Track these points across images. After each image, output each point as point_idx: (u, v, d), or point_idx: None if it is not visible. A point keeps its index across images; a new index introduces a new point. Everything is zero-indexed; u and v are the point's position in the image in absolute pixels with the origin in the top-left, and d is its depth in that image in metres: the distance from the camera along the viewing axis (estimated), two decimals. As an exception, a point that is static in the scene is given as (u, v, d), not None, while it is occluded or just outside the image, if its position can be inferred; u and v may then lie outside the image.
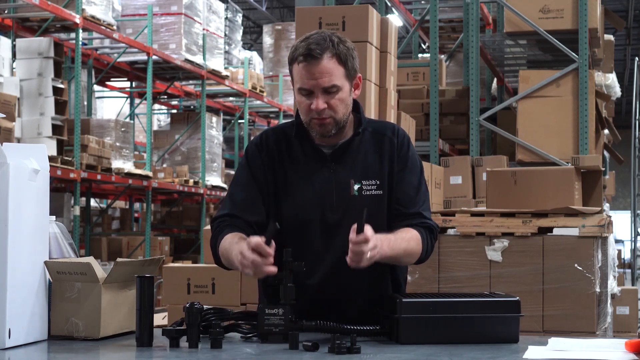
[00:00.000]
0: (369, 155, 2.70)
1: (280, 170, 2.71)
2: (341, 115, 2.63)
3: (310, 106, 2.60)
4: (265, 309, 2.40)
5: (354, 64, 2.65)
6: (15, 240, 2.32)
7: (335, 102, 2.60)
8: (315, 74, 2.58)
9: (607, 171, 13.15)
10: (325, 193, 2.67)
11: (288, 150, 2.72)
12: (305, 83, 2.60)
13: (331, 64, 2.59)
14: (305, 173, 2.69)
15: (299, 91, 2.63)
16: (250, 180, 2.72)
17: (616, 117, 11.99)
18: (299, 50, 2.61)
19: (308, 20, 5.26)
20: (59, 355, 2.30)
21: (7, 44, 10.08)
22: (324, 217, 2.66)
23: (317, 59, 2.58)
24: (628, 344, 2.23)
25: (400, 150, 2.72)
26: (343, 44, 2.62)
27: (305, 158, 2.70)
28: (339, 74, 2.60)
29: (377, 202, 2.68)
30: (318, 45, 2.58)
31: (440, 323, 2.41)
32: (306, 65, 2.59)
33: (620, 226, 20.34)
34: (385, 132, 2.74)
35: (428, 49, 10.06)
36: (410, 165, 2.73)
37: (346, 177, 2.68)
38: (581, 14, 7.21)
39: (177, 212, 15.78)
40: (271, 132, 2.78)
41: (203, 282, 5.01)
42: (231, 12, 16.77)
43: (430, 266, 4.60)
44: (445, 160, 7.05)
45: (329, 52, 2.59)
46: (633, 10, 23.01)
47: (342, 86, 2.61)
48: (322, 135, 2.66)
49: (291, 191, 2.68)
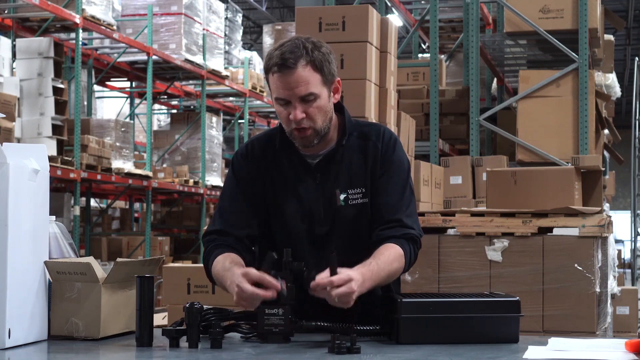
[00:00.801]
0: (354, 162, 2.66)
1: (268, 181, 2.67)
2: (321, 124, 2.58)
3: (289, 116, 2.55)
4: (265, 309, 2.40)
5: (331, 68, 2.59)
6: (15, 240, 2.32)
7: (313, 110, 2.55)
8: (290, 83, 2.52)
9: (607, 171, 13.16)
10: (312, 205, 2.64)
11: (274, 161, 2.68)
12: (282, 93, 2.54)
13: (306, 72, 2.53)
14: (292, 184, 2.66)
15: (277, 101, 2.58)
16: (237, 193, 2.68)
17: (616, 117, 12.00)
18: (273, 59, 2.55)
19: (308, 20, 5.26)
20: (59, 355, 2.30)
21: (7, 44, 10.08)
22: (312, 229, 2.64)
23: (292, 68, 2.52)
24: (628, 344, 2.23)
25: (384, 154, 2.67)
26: (318, 50, 2.56)
27: (292, 169, 2.67)
28: (315, 82, 2.54)
29: (364, 210, 2.65)
30: (292, 54, 2.52)
31: (440, 323, 2.41)
32: (281, 75, 2.53)
33: (620, 226, 20.35)
34: (370, 136, 2.69)
35: (428, 49, 10.07)
36: (395, 169, 2.67)
37: (332, 188, 2.64)
38: (581, 14, 7.21)
39: (177, 212, 15.78)
40: (256, 141, 2.73)
41: (203, 282, 5.01)
42: (231, 12, 16.77)
43: (430, 266, 4.60)
44: (445, 160, 7.05)
45: (303, 59, 2.53)
46: (633, 10, 23.01)
47: (319, 93, 2.56)
48: (304, 146, 2.62)
49: (279, 203, 2.65)
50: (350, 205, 2.64)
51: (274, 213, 2.66)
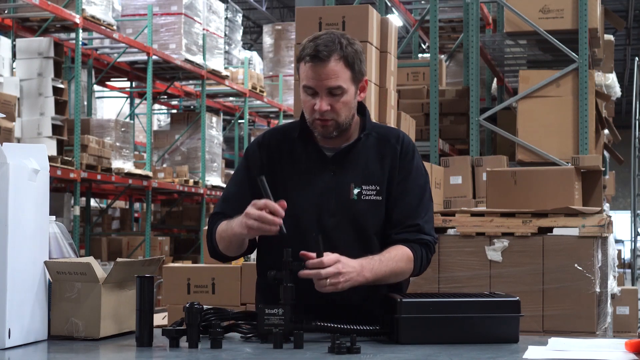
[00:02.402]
0: (371, 160, 2.70)
1: (280, 170, 2.70)
2: (343, 119, 2.63)
3: (314, 106, 2.61)
4: (265, 309, 2.40)
5: (361, 67, 2.65)
6: (15, 240, 2.32)
7: (339, 104, 2.61)
8: (321, 75, 2.59)
9: (607, 171, 13.15)
10: (324, 195, 2.67)
11: (290, 151, 2.72)
12: (311, 82, 2.60)
13: (338, 66, 2.59)
14: (306, 174, 2.69)
15: (304, 89, 2.63)
16: (245, 179, 2.73)
17: (616, 117, 11.99)
18: (306, 49, 2.61)
19: (308, 20, 5.26)
20: (59, 355, 2.30)
21: (7, 44, 10.08)
22: (322, 219, 2.66)
23: (324, 60, 2.58)
24: (628, 344, 2.23)
25: (404, 158, 2.71)
26: (351, 47, 2.62)
27: (307, 159, 2.70)
28: (344, 77, 2.61)
29: (376, 207, 2.68)
30: (326, 46, 2.59)
31: (440, 323, 2.41)
32: (312, 65, 2.59)
33: (620, 226, 20.34)
34: (389, 138, 2.73)
35: (428, 49, 10.07)
36: (415, 175, 2.72)
37: (347, 181, 2.67)
38: (581, 14, 7.21)
39: (177, 212, 15.78)
40: (274, 132, 2.79)
41: (203, 282, 5.01)
42: (231, 12, 16.77)
43: (431, 266, 4.56)
44: (445, 160, 7.05)
45: (337, 54, 2.59)
46: (633, 10, 23.01)
47: (347, 89, 2.61)
48: (323, 136, 2.66)
49: (290, 192, 2.67)
50: (362, 200, 2.67)
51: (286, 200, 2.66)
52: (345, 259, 2.47)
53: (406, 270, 2.65)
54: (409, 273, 2.67)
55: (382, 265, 2.55)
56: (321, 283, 2.43)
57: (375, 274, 2.53)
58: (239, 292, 4.97)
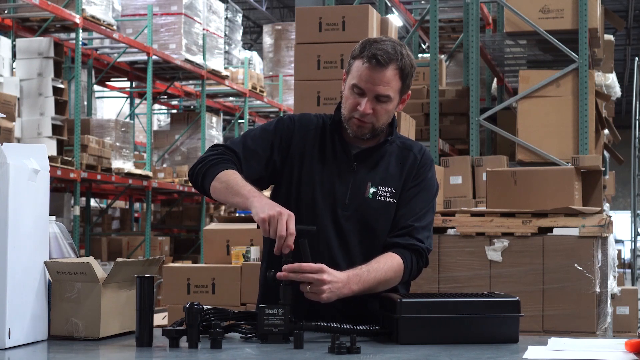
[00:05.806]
0: (391, 165, 2.75)
1: (305, 151, 2.74)
2: (380, 124, 2.69)
3: (357, 105, 2.64)
4: (265, 309, 2.40)
5: (410, 82, 2.71)
6: (15, 240, 2.32)
7: (381, 110, 2.66)
8: (375, 79, 2.62)
9: (607, 171, 13.15)
10: (340, 189, 2.70)
11: (319, 137, 2.76)
12: (362, 83, 2.64)
13: (393, 76, 2.64)
14: (327, 166, 2.73)
15: (352, 87, 2.66)
16: (265, 139, 2.74)
17: (616, 117, 11.99)
18: (367, 50, 2.64)
19: (308, 20, 5.26)
20: (59, 356, 2.30)
21: (7, 44, 10.08)
22: (335, 212, 2.70)
23: (383, 66, 2.62)
24: (628, 344, 2.23)
25: (421, 168, 2.77)
26: (409, 59, 2.67)
27: (332, 151, 2.74)
28: (395, 87, 2.66)
29: (389, 209, 2.72)
30: (387, 53, 2.62)
31: (440, 323, 2.41)
32: (369, 67, 2.62)
33: (620, 226, 20.36)
34: (412, 149, 2.80)
35: (428, 49, 10.06)
36: (425, 185, 2.76)
37: (364, 179, 2.72)
38: (581, 14, 7.21)
39: (177, 212, 15.78)
40: (308, 115, 2.83)
41: (203, 282, 5.01)
42: (231, 12, 16.77)
43: (430, 266, 4.59)
44: (445, 160, 7.05)
45: (395, 64, 2.63)
46: (633, 10, 23.01)
47: (393, 98, 2.67)
48: (356, 135, 2.71)
49: (311, 174, 2.71)
50: (377, 200, 2.71)
51: (302, 187, 2.71)
52: (332, 270, 2.47)
53: (395, 279, 2.66)
54: (398, 281, 2.69)
55: (370, 276, 2.56)
56: (301, 288, 2.44)
57: (362, 285, 2.54)
58: (239, 292, 4.97)
